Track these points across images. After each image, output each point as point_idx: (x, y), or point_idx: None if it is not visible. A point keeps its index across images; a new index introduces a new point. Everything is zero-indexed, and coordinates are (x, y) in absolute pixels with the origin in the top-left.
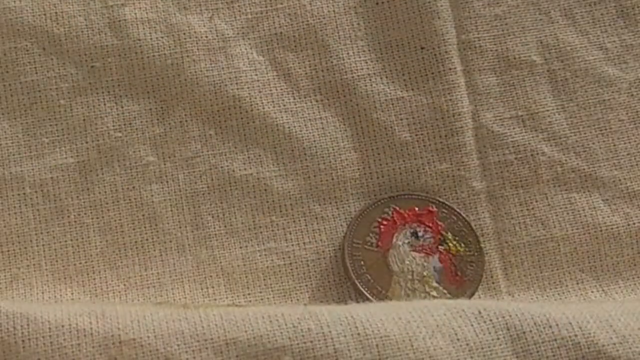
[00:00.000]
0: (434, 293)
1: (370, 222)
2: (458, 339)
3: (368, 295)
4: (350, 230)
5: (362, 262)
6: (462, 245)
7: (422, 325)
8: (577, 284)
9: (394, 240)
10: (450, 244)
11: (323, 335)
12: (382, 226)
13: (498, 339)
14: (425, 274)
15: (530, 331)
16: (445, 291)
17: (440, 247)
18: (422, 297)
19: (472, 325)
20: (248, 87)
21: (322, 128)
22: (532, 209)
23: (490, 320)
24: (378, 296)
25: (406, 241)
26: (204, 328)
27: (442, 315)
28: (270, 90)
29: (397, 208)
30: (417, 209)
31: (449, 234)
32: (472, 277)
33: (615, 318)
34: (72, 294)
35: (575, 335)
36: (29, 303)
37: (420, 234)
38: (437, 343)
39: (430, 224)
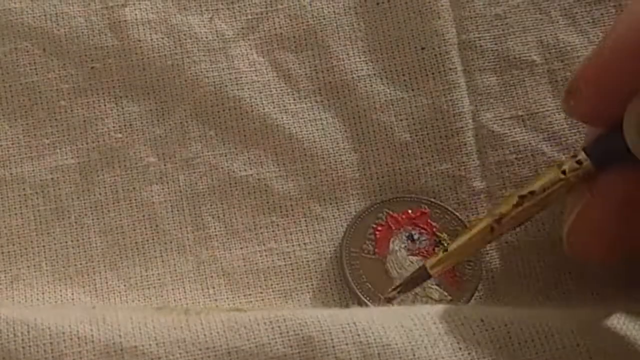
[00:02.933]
0: (435, 296)
1: (366, 229)
2: (460, 348)
3: (370, 303)
4: (346, 238)
5: (361, 271)
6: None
7: (424, 333)
8: (578, 284)
9: (391, 245)
10: (446, 245)
11: (325, 343)
12: (377, 232)
13: (500, 347)
14: None
15: (532, 340)
16: (445, 293)
17: (436, 248)
18: (423, 302)
19: (474, 334)
20: (248, 88)
21: (322, 129)
22: None
23: (493, 328)
24: (380, 304)
25: (403, 245)
26: (206, 336)
27: (445, 324)
28: (271, 91)
29: (391, 212)
30: (410, 211)
31: (444, 234)
32: (471, 277)
33: (620, 326)
34: (73, 294)
35: (578, 345)
36: (29, 308)
37: (415, 236)
38: (439, 352)
39: (425, 226)
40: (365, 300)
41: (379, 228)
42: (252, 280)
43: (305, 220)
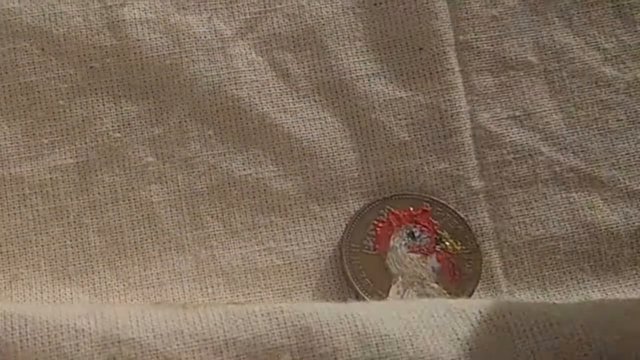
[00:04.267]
0: (434, 293)
1: (366, 225)
2: (459, 339)
3: (368, 299)
4: (346, 234)
5: (361, 267)
6: (459, 243)
7: (422, 325)
8: (578, 283)
9: (391, 242)
10: (447, 243)
11: (322, 334)
12: (378, 228)
13: (499, 338)
14: (424, 275)
15: (531, 330)
16: (444, 290)
17: (437, 246)
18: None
19: (472, 325)
20: (247, 87)
21: (321, 128)
22: (531, 208)
23: (491, 319)
24: (379, 300)
25: (403, 242)
26: (203, 328)
27: (443, 316)
28: (269, 90)
29: (392, 209)
30: (411, 209)
31: (445, 232)
32: (471, 275)
33: (619, 317)
34: (72, 293)
35: (578, 333)
36: (27, 304)
37: (416, 234)
38: (437, 343)
39: (426, 224)
40: (364, 296)
41: (380, 225)
42: (251, 280)
43: (304, 220)
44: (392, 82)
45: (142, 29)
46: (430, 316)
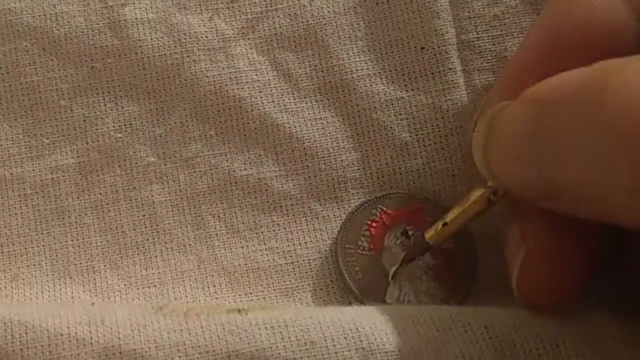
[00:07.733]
0: (432, 291)
1: (360, 226)
2: (463, 357)
3: (366, 300)
4: (341, 235)
5: (357, 268)
6: (453, 240)
7: (427, 341)
8: None
9: (386, 241)
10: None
11: (327, 349)
12: (372, 228)
13: (505, 357)
14: (419, 273)
15: (537, 349)
16: (442, 288)
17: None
18: (419, 299)
19: (477, 342)
20: (248, 87)
21: (323, 128)
22: None
23: (497, 337)
24: (376, 300)
25: (397, 241)
26: (206, 340)
27: (449, 331)
28: (271, 90)
29: (385, 208)
30: (404, 207)
31: None
32: (467, 271)
33: (622, 334)
34: (73, 293)
35: (584, 356)
36: (27, 305)
37: (410, 232)
38: None
39: (419, 221)
40: (362, 297)
41: (374, 224)
42: (253, 279)
43: (306, 219)
44: (393, 82)
45: (144, 28)
46: (435, 330)
